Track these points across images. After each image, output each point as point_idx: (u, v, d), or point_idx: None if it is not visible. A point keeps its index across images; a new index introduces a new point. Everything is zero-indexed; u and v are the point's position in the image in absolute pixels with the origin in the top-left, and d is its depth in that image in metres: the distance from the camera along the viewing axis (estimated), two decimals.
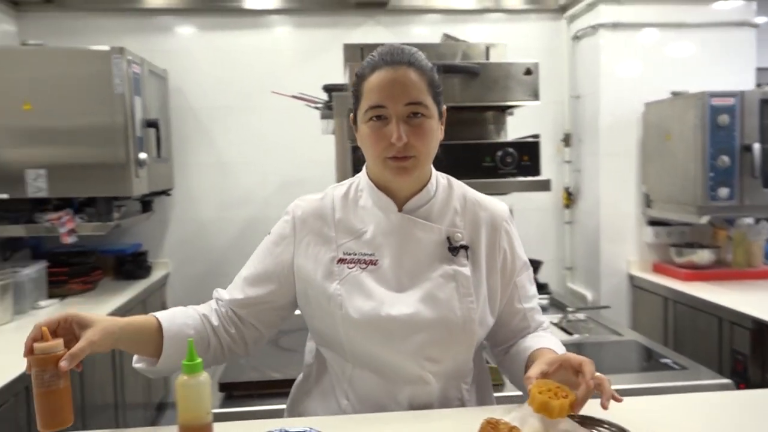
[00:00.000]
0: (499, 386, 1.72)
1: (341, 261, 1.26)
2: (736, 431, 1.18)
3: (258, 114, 3.65)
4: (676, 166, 3.04)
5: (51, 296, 2.82)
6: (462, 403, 1.28)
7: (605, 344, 2.16)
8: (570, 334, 2.33)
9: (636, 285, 3.37)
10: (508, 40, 3.69)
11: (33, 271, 2.67)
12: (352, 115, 1.30)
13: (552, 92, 3.76)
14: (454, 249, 1.26)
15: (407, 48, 1.24)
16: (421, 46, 2.39)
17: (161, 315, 1.25)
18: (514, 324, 1.34)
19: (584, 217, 3.62)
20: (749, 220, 3.24)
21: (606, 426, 1.05)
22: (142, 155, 2.87)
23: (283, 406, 1.48)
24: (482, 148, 2.05)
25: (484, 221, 1.30)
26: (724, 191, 2.84)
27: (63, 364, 1.06)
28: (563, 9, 3.71)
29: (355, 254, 1.26)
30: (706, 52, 3.38)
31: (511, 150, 2.04)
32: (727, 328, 2.59)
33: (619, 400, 1.06)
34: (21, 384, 1.89)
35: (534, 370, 1.10)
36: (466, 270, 1.25)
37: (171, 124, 3.57)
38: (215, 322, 1.30)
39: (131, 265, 3.39)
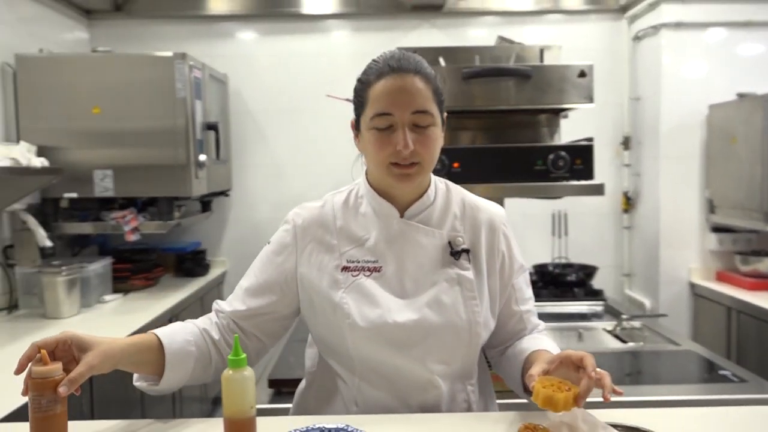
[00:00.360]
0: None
1: (345, 269, 1.25)
2: None
3: (313, 117, 3.71)
4: (742, 171, 2.92)
5: (115, 291, 2.95)
6: (468, 404, 1.28)
7: (661, 354, 2.10)
8: (624, 342, 2.27)
9: (697, 293, 3.25)
10: (567, 41, 3.65)
11: (99, 266, 2.81)
12: (353, 120, 1.30)
13: (611, 94, 3.68)
14: (456, 253, 1.26)
15: (412, 55, 1.24)
16: (476, 49, 2.40)
17: (161, 333, 1.22)
18: (511, 326, 1.34)
19: (643, 222, 3.52)
20: None
21: None
22: (202, 157, 2.97)
23: None
24: (534, 152, 2.03)
25: (483, 224, 1.31)
26: None
27: (62, 389, 1.02)
28: (624, 9, 3.63)
29: (359, 262, 1.26)
30: None
31: (563, 153, 2.01)
32: None
33: (619, 393, 1.05)
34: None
35: (536, 369, 1.10)
36: (469, 273, 1.26)
37: (230, 127, 3.67)
38: (216, 335, 1.28)
39: (190, 262, 3.50)
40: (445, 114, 1.29)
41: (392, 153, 1.18)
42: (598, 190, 2.04)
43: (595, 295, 2.88)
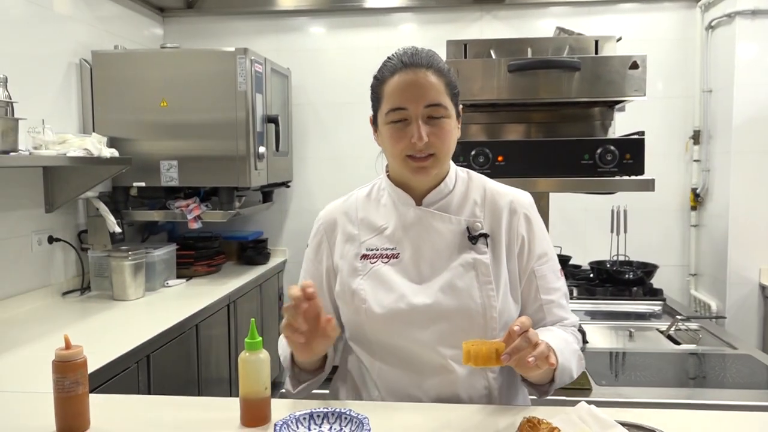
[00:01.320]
0: (586, 390, 1.67)
1: (364, 257, 1.32)
2: None
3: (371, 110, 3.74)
4: None
5: (179, 276, 3.10)
6: (489, 392, 1.29)
7: (714, 356, 2.01)
8: (677, 343, 2.19)
9: None
10: (637, 31, 3.54)
11: (164, 252, 2.96)
12: (371, 116, 1.36)
13: (682, 86, 3.54)
14: (473, 238, 1.29)
15: (425, 50, 1.29)
16: (528, 41, 2.36)
17: None
18: (530, 313, 1.33)
19: (712, 220, 3.36)
20: None
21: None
22: (261, 149, 3.07)
23: None
24: (581, 145, 1.98)
25: (503, 208, 1.33)
26: None
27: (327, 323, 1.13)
28: None
29: (378, 249, 1.32)
30: None
31: (612, 147, 1.95)
32: None
33: (551, 365, 1.07)
34: (143, 352, 2.12)
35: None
36: (486, 258, 1.28)
37: (292, 120, 3.77)
38: None
39: (252, 251, 3.63)
40: (461, 107, 1.33)
41: (407, 146, 1.23)
42: (648, 185, 1.98)
43: (654, 294, 2.79)
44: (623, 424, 1.02)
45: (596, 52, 2.23)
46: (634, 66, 1.93)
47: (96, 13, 3.10)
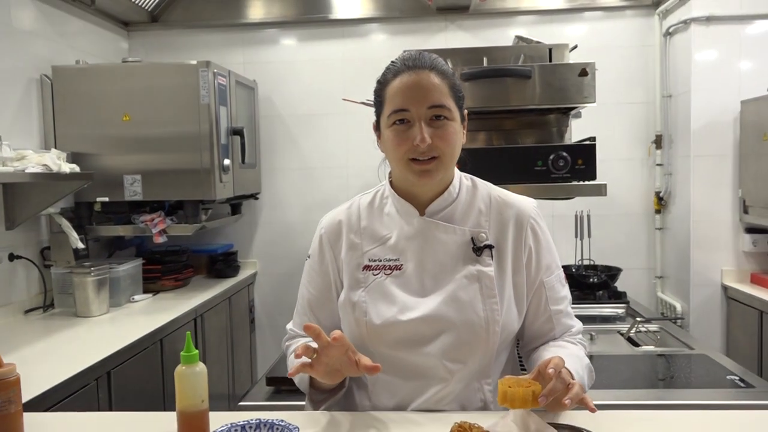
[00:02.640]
0: None
1: (366, 268, 1.29)
2: None
3: (341, 120, 3.77)
4: None
5: (146, 291, 3.08)
6: (485, 404, 1.27)
7: (670, 357, 2.04)
8: (637, 345, 2.22)
9: (730, 297, 3.13)
10: (599, 38, 3.60)
11: (129, 267, 2.94)
12: (374, 122, 1.33)
13: (644, 92, 3.60)
14: (478, 249, 1.26)
15: (428, 54, 1.27)
16: (484, 50, 2.39)
17: None
18: (538, 325, 1.33)
19: (676, 223, 3.41)
20: None
21: None
22: (226, 161, 3.07)
23: None
24: (534, 152, 2.01)
25: (510, 219, 1.30)
26: None
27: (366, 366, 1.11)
28: (656, 4, 3.53)
29: (380, 260, 1.29)
30: None
31: (564, 153, 1.99)
32: None
33: (592, 410, 1.05)
34: (102, 369, 2.10)
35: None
36: (490, 270, 1.25)
37: (260, 132, 3.77)
38: None
39: (222, 264, 3.62)
40: (466, 111, 1.31)
41: (410, 148, 1.20)
42: (601, 190, 2.01)
43: (618, 297, 2.84)
44: (557, 427, 1.03)
45: (550, 60, 2.27)
46: (584, 73, 1.96)
47: (58, 28, 3.08)
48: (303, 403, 1.70)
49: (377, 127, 1.32)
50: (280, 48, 3.80)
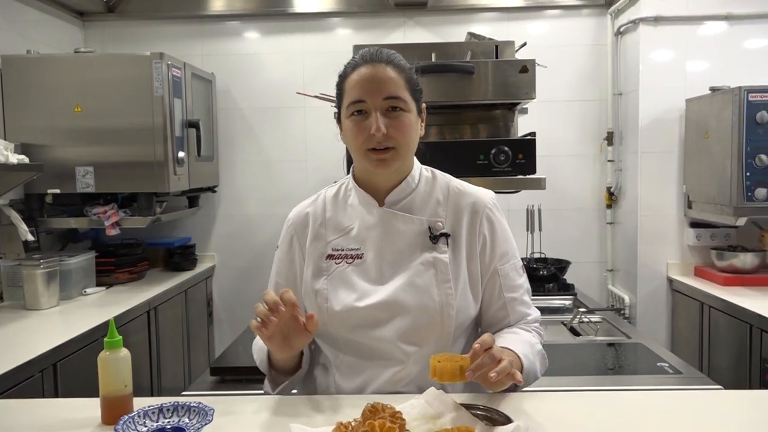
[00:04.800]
0: None
1: (330, 257, 1.35)
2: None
3: (300, 114, 3.78)
4: (714, 166, 2.90)
5: (99, 284, 3.05)
6: (443, 386, 1.30)
7: (607, 346, 2.12)
8: (577, 335, 2.29)
9: (675, 289, 3.24)
10: (555, 37, 3.67)
11: (81, 260, 2.91)
12: (336, 113, 1.39)
13: (597, 89, 3.68)
14: (434, 237, 1.32)
15: (386, 50, 1.34)
16: (433, 46, 2.44)
17: None
18: (493, 312, 1.38)
19: (625, 217, 3.51)
20: None
21: (495, 413, 1.07)
22: (181, 154, 3.06)
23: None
24: (476, 146, 2.06)
25: (465, 209, 1.36)
26: (761, 192, 2.68)
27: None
28: (609, 4, 3.61)
29: (343, 250, 1.35)
30: (759, 45, 3.19)
31: (505, 148, 2.04)
32: (756, 336, 2.46)
33: (519, 381, 1.11)
34: (48, 361, 2.09)
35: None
36: (445, 257, 1.31)
37: (218, 125, 3.76)
38: None
39: (179, 257, 3.60)
40: (424, 105, 1.37)
41: (368, 138, 1.26)
42: (540, 184, 2.07)
43: (567, 289, 2.91)
44: (469, 408, 1.07)
45: (496, 57, 2.32)
46: (524, 70, 2.02)
47: (9, 17, 3.03)
48: (248, 392, 1.74)
49: (338, 120, 1.38)
50: (239, 41, 3.79)
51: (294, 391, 1.39)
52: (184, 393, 1.74)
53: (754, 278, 2.93)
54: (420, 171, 1.40)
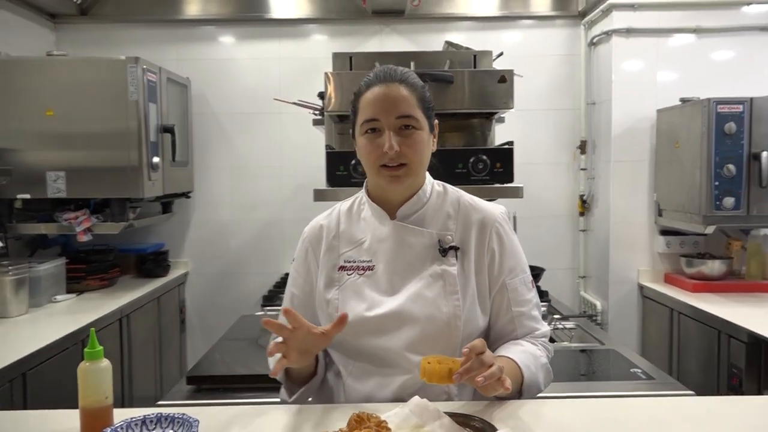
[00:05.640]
0: None
1: (342, 268, 1.39)
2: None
3: (276, 120, 3.77)
4: (684, 175, 2.97)
5: (70, 291, 3.00)
6: (448, 396, 1.34)
7: (582, 352, 2.15)
8: (552, 341, 2.31)
9: (646, 295, 3.30)
10: (529, 47, 3.72)
11: (50, 266, 2.85)
12: (351, 130, 1.42)
13: (571, 99, 3.74)
14: (443, 250, 1.35)
15: (400, 68, 1.37)
16: (412, 55, 2.45)
17: None
18: (501, 325, 1.40)
19: (597, 225, 3.57)
20: (766, 231, 3.13)
21: (478, 421, 1.08)
22: (156, 159, 3.02)
23: (249, 400, 1.63)
24: (454, 155, 2.08)
25: (475, 223, 1.39)
26: (729, 201, 2.75)
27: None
28: (582, 15, 3.68)
29: (355, 261, 1.38)
30: (725, 58, 3.29)
31: (483, 157, 2.06)
32: (725, 342, 2.52)
33: (507, 389, 1.12)
34: (17, 370, 2.04)
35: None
36: (454, 269, 1.34)
37: (192, 130, 3.72)
38: None
39: (151, 263, 3.55)
40: (436, 122, 1.40)
41: (380, 155, 1.29)
42: (517, 192, 2.09)
43: (540, 296, 2.93)
44: (452, 416, 1.08)
45: (474, 66, 2.35)
46: (503, 80, 2.04)
47: None
48: (225, 401, 1.72)
49: (353, 135, 1.41)
50: (215, 46, 3.77)
51: (309, 399, 1.40)
52: (159, 403, 1.72)
53: (721, 285, 3.00)
54: (432, 185, 1.44)
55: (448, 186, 1.47)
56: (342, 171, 2.06)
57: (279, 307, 2.76)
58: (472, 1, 3.73)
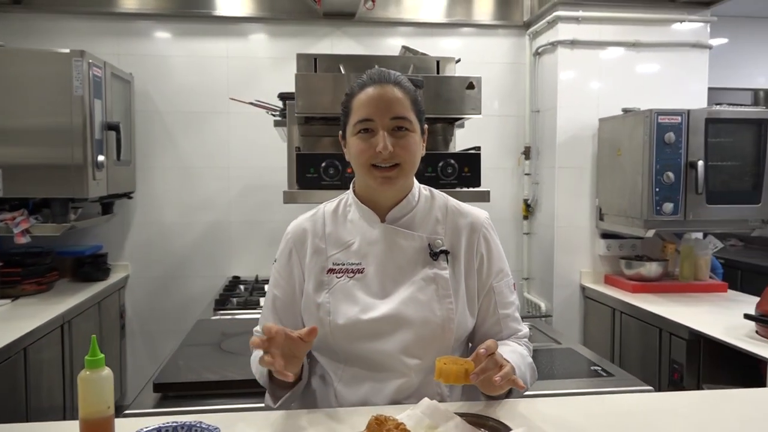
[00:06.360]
0: None
1: (330, 271, 1.37)
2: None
3: (223, 120, 3.68)
4: (626, 181, 3.13)
5: (4, 296, 2.82)
6: (441, 397, 1.35)
7: (540, 351, 2.22)
8: None
9: (587, 296, 3.45)
10: (475, 54, 3.80)
11: None
12: (340, 132, 1.41)
13: (516, 106, 3.85)
14: (434, 254, 1.36)
15: (393, 71, 1.38)
16: (376, 59, 2.46)
17: None
18: (487, 327, 1.42)
19: (541, 228, 3.69)
20: (697, 235, 3.34)
21: (493, 422, 1.10)
22: (101, 158, 2.89)
23: (218, 407, 1.58)
24: (425, 159, 2.09)
25: (464, 228, 1.41)
26: (668, 206, 2.92)
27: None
28: (527, 25, 3.80)
29: (343, 264, 1.37)
30: (661, 71, 3.48)
31: (452, 161, 2.10)
32: (666, 339, 2.67)
33: (521, 387, 1.18)
34: None
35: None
36: (446, 273, 1.35)
37: (135, 128, 3.59)
38: None
39: (90, 266, 3.39)
40: (426, 126, 1.40)
41: (373, 155, 1.29)
42: (485, 196, 2.15)
43: None
44: (463, 415, 1.10)
45: (438, 72, 2.38)
46: (471, 86, 2.09)
47: None
48: (193, 408, 1.67)
49: (343, 136, 1.40)
50: (158, 41, 3.64)
51: (292, 404, 1.37)
52: (127, 412, 1.65)
53: (658, 285, 3.18)
54: (419, 189, 1.45)
55: (434, 190, 1.49)
56: (312, 173, 2.04)
57: (234, 311, 2.72)
58: (419, 6, 3.79)
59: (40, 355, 2.51)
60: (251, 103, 2.77)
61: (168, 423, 1.03)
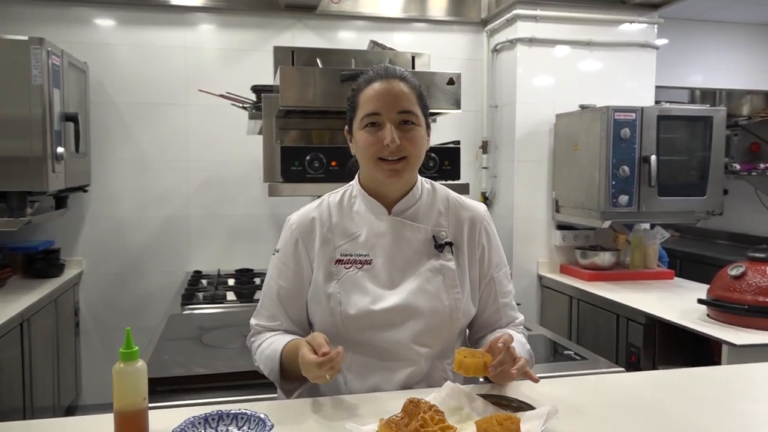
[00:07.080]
0: None
1: (339, 262, 1.39)
2: (619, 403, 1.33)
3: (181, 112, 3.61)
4: (583, 175, 3.27)
5: None
6: (446, 380, 1.37)
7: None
8: None
9: (544, 285, 3.59)
10: (432, 49, 3.84)
11: None
12: (346, 126, 1.44)
13: (473, 101, 3.94)
14: (440, 246, 1.41)
15: (399, 67, 1.42)
16: (351, 52, 2.48)
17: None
18: (487, 315, 1.49)
19: (499, 220, 3.80)
20: (646, 226, 3.54)
21: (516, 403, 1.16)
22: (60, 149, 2.79)
23: (207, 400, 1.55)
24: None
25: (465, 221, 1.46)
26: (624, 198, 3.08)
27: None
28: (485, 23, 3.90)
29: (351, 255, 1.40)
30: (612, 69, 3.65)
31: (433, 155, 2.15)
32: (623, 324, 2.83)
33: (535, 380, 1.24)
34: None
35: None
36: (452, 264, 1.41)
37: (90, 119, 3.47)
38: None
39: (42, 263, 3.26)
40: (431, 120, 1.45)
41: (380, 148, 1.32)
42: (464, 189, 2.21)
43: None
44: (485, 397, 1.16)
45: (412, 67, 2.43)
46: (451, 82, 2.15)
47: None
48: (177, 402, 1.66)
49: (349, 131, 1.43)
50: (113, 30, 3.53)
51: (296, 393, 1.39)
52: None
53: (612, 274, 3.35)
54: (421, 182, 1.49)
55: (435, 183, 1.53)
56: (297, 166, 2.05)
57: (203, 306, 2.69)
58: (378, 1, 3.82)
59: (0, 354, 2.41)
60: (222, 96, 2.73)
61: (213, 412, 1.03)
